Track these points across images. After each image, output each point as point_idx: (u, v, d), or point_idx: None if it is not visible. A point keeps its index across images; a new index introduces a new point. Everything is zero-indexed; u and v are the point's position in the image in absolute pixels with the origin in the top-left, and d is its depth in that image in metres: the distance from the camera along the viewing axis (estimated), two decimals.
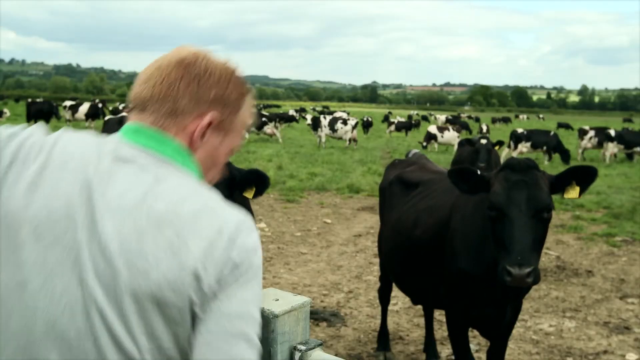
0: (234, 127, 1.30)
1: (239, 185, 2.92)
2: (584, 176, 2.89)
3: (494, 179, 2.92)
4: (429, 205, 3.67)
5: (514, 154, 19.88)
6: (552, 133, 20.92)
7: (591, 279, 6.76)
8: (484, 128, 34.97)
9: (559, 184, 2.91)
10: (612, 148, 21.42)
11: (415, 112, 78.82)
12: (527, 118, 79.20)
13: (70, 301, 1.04)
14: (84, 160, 1.14)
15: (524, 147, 20.16)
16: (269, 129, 25.35)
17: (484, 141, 10.53)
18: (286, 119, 34.93)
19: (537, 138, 20.53)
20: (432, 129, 25.26)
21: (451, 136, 24.44)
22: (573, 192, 2.90)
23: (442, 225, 3.41)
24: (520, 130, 20.87)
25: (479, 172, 3.01)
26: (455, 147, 22.91)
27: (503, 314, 3.24)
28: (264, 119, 25.47)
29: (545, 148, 20.46)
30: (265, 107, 69.13)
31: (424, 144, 24.44)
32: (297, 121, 39.47)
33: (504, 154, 19.78)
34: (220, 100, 1.25)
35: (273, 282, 6.07)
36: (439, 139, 24.55)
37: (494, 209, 2.85)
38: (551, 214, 2.83)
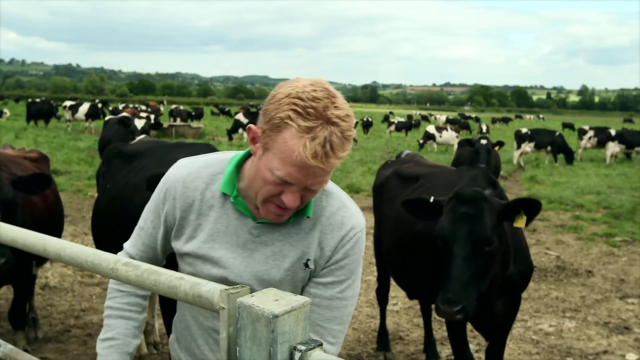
0: (272, 146, 1.38)
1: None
2: (530, 208, 2.96)
3: (445, 206, 3.01)
4: None
5: (517, 154, 19.89)
6: (557, 133, 20.90)
7: (591, 279, 6.76)
8: (484, 128, 34.99)
9: (508, 213, 2.97)
10: (612, 147, 21.43)
11: (418, 112, 78.76)
12: (541, 117, 79.14)
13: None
14: None
15: (527, 147, 20.14)
16: None
17: (484, 141, 10.54)
18: None
19: (541, 138, 20.50)
20: (431, 128, 25.41)
21: (449, 136, 24.55)
22: (521, 222, 2.97)
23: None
24: (524, 130, 20.87)
25: (431, 200, 3.10)
26: (455, 147, 22.97)
27: (493, 310, 3.27)
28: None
29: (549, 148, 20.44)
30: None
31: (421, 141, 24.54)
32: None
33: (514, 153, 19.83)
34: (264, 114, 1.41)
35: None
36: (437, 138, 24.63)
37: (439, 239, 2.97)
38: (494, 246, 2.88)
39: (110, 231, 3.87)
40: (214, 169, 1.60)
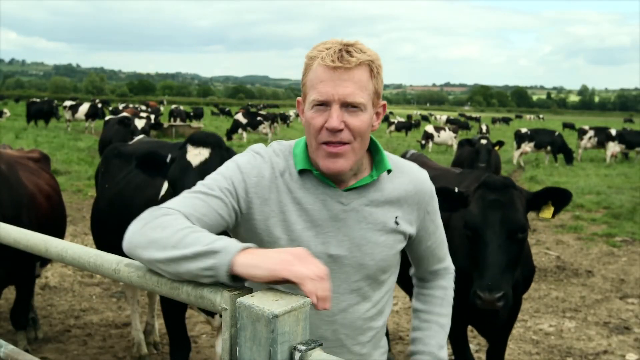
0: (307, 89, 1.53)
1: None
2: (560, 198, 2.91)
3: (472, 196, 2.94)
4: None
5: (517, 154, 19.88)
6: (557, 133, 20.88)
7: (591, 279, 6.76)
8: (484, 128, 34.99)
9: (536, 202, 2.93)
10: (612, 147, 21.42)
11: (419, 112, 78.65)
12: (541, 117, 79.02)
13: None
14: None
15: (527, 147, 20.13)
16: (264, 128, 25.77)
17: (484, 141, 10.53)
18: (281, 118, 36.18)
19: (541, 138, 20.48)
20: (429, 128, 25.65)
21: (447, 136, 24.78)
22: (547, 212, 2.93)
23: (443, 223, 3.43)
24: (524, 130, 20.87)
25: (456, 190, 3.02)
26: (454, 146, 23.00)
27: (496, 312, 3.26)
28: (259, 118, 26.06)
29: (549, 148, 20.42)
30: (265, 107, 69.20)
31: (423, 142, 24.60)
32: (289, 122, 39.64)
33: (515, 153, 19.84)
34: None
35: None
36: (435, 138, 24.78)
37: (469, 229, 2.88)
38: (526, 233, 2.84)
39: (111, 231, 3.88)
40: (283, 154, 1.64)
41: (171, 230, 1.31)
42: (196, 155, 2.91)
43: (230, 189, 1.53)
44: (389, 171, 1.63)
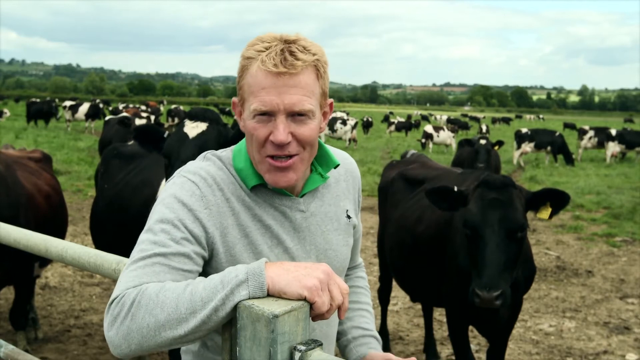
0: (244, 92, 1.37)
1: None
2: (559, 200, 2.92)
3: (471, 195, 2.95)
4: None
5: (517, 154, 19.88)
6: (557, 133, 20.86)
7: (591, 279, 6.76)
8: (484, 128, 34.99)
9: (535, 202, 2.94)
10: (613, 147, 21.42)
11: (420, 112, 78.63)
12: (541, 118, 78.95)
13: None
14: None
15: (527, 147, 20.12)
16: None
17: (483, 141, 10.53)
18: None
19: (541, 138, 20.46)
20: (429, 128, 25.79)
21: (446, 136, 24.95)
22: (545, 213, 2.94)
23: (445, 223, 3.43)
24: (524, 130, 20.87)
25: (455, 189, 3.04)
26: (453, 146, 23.03)
27: (497, 312, 3.26)
28: None
29: (549, 148, 20.41)
30: None
31: (423, 140, 24.66)
32: None
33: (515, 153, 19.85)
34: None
35: None
36: (435, 138, 24.87)
37: (468, 228, 2.89)
38: (525, 232, 2.85)
39: (110, 231, 3.87)
40: (223, 172, 1.45)
41: (170, 301, 1.15)
42: (193, 127, 2.87)
43: (186, 237, 1.29)
44: (336, 166, 1.53)
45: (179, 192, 1.34)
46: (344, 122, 24.25)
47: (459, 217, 3.30)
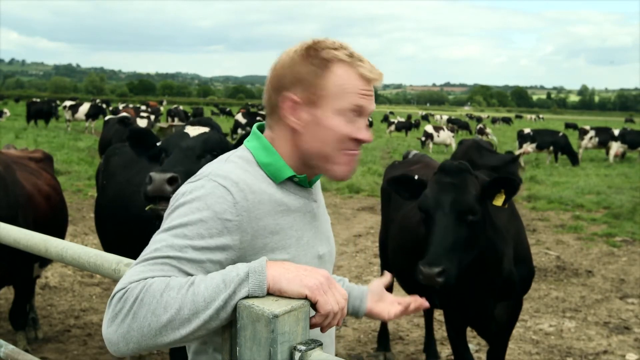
0: (323, 94, 1.39)
1: None
2: (509, 186, 2.95)
3: (429, 182, 3.00)
4: None
5: (517, 154, 19.85)
6: (560, 133, 20.82)
7: (591, 279, 6.76)
8: (483, 128, 34.98)
9: (490, 189, 2.97)
10: (616, 147, 21.42)
11: (421, 112, 78.59)
12: (541, 118, 78.91)
13: None
14: None
15: (529, 147, 20.07)
16: None
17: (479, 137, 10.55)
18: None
19: (542, 138, 20.41)
20: (429, 128, 25.94)
21: (446, 135, 25.11)
22: (499, 200, 2.97)
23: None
24: (526, 130, 20.83)
25: (416, 177, 3.09)
26: (453, 146, 23.03)
27: (492, 312, 3.26)
28: (258, 118, 26.22)
29: (552, 148, 20.36)
30: (263, 107, 69.15)
31: (423, 139, 24.72)
32: None
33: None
34: (284, 79, 1.43)
35: None
36: (435, 138, 24.97)
37: (422, 211, 2.95)
38: (478, 216, 2.87)
39: (113, 230, 3.88)
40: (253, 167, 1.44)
41: (174, 302, 1.13)
42: (194, 129, 2.88)
43: (207, 246, 1.25)
44: None
45: (210, 198, 1.28)
46: None
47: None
